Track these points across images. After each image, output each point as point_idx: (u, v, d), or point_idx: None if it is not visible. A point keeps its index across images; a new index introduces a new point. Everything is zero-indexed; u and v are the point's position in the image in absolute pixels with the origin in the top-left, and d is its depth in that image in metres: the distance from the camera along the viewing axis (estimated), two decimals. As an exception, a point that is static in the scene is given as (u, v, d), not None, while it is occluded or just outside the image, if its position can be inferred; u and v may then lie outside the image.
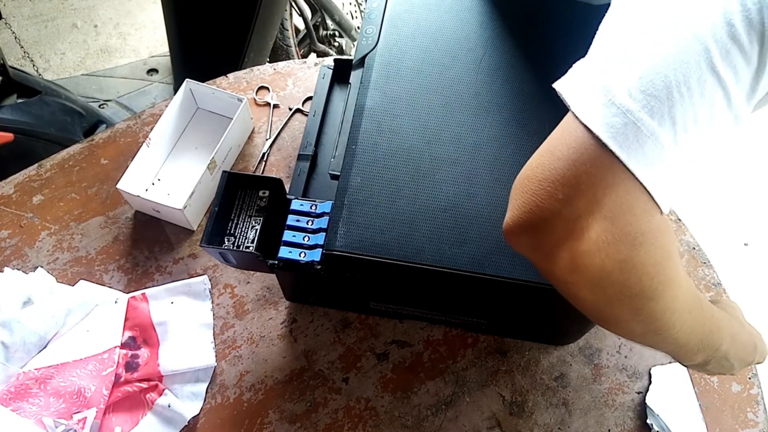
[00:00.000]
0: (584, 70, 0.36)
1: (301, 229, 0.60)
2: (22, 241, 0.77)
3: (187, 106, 0.86)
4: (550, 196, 0.34)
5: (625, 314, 0.38)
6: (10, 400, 0.63)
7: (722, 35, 0.31)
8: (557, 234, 0.34)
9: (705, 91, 0.32)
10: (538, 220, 0.34)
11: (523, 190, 0.35)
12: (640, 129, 0.32)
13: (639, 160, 0.32)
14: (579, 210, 0.33)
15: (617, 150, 0.32)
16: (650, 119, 0.32)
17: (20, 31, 1.94)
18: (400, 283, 0.62)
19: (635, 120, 0.32)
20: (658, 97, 0.32)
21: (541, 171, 0.35)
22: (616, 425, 0.69)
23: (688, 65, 0.31)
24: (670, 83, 0.31)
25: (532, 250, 0.36)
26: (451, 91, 0.61)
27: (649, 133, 0.32)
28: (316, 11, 1.62)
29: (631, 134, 0.32)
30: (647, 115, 0.32)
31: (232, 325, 0.73)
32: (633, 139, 0.32)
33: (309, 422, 0.68)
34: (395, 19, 0.66)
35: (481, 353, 0.72)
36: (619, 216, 0.33)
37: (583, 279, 0.35)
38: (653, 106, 0.32)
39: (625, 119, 0.32)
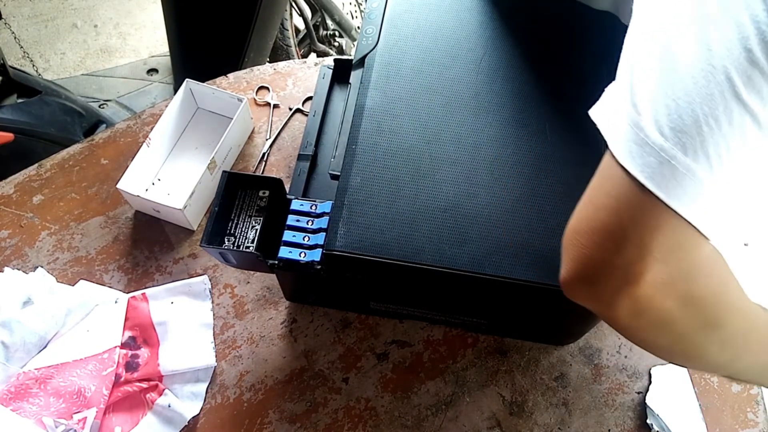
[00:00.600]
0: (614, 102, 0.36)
1: (301, 229, 0.60)
2: (22, 241, 0.77)
3: (187, 106, 0.86)
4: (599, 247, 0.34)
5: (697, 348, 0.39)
6: (10, 400, 0.63)
7: (742, 62, 0.31)
8: (614, 283, 0.34)
9: (733, 120, 0.32)
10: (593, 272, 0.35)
11: (573, 243, 0.36)
12: (676, 167, 0.32)
13: (680, 198, 0.32)
14: (630, 257, 0.34)
15: (657, 191, 0.32)
16: (684, 156, 0.32)
17: (20, 31, 1.94)
18: (400, 283, 0.62)
19: (670, 158, 0.32)
20: (688, 133, 0.32)
21: (587, 223, 0.35)
22: (616, 425, 0.69)
23: (712, 97, 0.31)
24: (698, 117, 0.31)
25: (591, 301, 0.37)
26: (451, 91, 0.61)
27: (686, 170, 0.32)
28: (316, 11, 1.62)
29: (667, 173, 0.32)
30: (681, 152, 0.32)
31: (232, 325, 0.73)
32: (670, 178, 0.32)
33: (309, 422, 0.68)
34: (395, 19, 0.66)
35: (481, 353, 0.72)
36: (670, 255, 0.34)
37: (646, 322, 0.36)
38: (685, 143, 0.32)
39: (659, 158, 0.32)
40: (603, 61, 0.63)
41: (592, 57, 0.63)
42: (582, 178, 0.56)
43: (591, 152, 0.58)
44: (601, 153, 0.59)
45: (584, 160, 0.58)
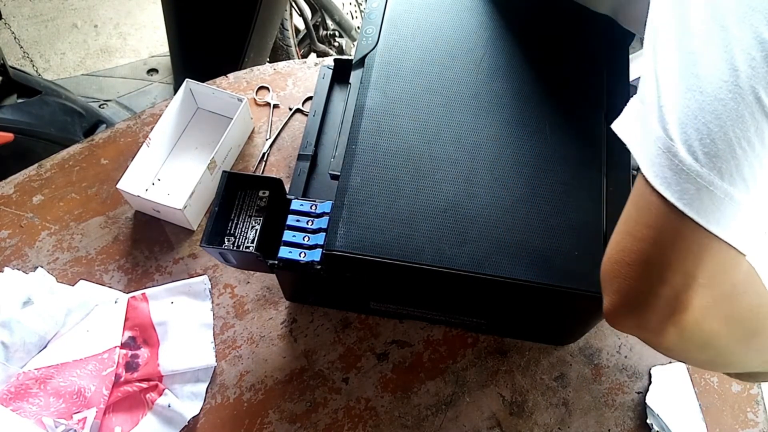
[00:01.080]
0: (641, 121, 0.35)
1: (301, 229, 0.60)
2: (22, 241, 0.77)
3: (187, 106, 0.86)
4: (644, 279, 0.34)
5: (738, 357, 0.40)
6: (10, 400, 0.63)
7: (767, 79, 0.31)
8: (661, 312, 0.35)
9: (765, 139, 0.32)
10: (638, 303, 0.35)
11: (616, 275, 0.36)
12: (714, 193, 0.32)
13: (719, 222, 0.32)
14: (676, 286, 0.34)
15: (698, 218, 0.32)
16: (721, 181, 0.32)
17: (20, 31, 1.94)
18: (400, 283, 0.62)
19: (707, 184, 0.32)
20: (723, 158, 0.32)
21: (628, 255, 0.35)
22: (616, 425, 0.69)
23: (743, 119, 0.31)
24: (731, 141, 0.31)
25: (638, 330, 0.37)
26: (451, 92, 0.61)
27: (724, 194, 0.32)
28: (316, 11, 1.62)
29: (706, 199, 0.32)
30: (717, 177, 0.32)
31: (232, 325, 0.73)
32: (709, 203, 0.32)
33: (309, 422, 0.68)
34: (395, 20, 0.66)
35: (481, 353, 0.72)
36: (714, 279, 0.34)
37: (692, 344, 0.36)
38: (721, 168, 0.32)
39: (697, 185, 0.32)
40: (601, 62, 0.63)
41: (591, 58, 0.63)
42: (581, 178, 0.57)
43: (591, 152, 0.58)
44: (598, 154, 0.59)
45: (584, 160, 0.58)
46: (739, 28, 0.31)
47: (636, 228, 0.35)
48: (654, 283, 0.34)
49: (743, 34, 0.31)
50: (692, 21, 0.34)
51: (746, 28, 0.31)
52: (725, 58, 0.32)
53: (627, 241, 0.35)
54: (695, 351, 0.38)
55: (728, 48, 0.32)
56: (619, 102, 0.61)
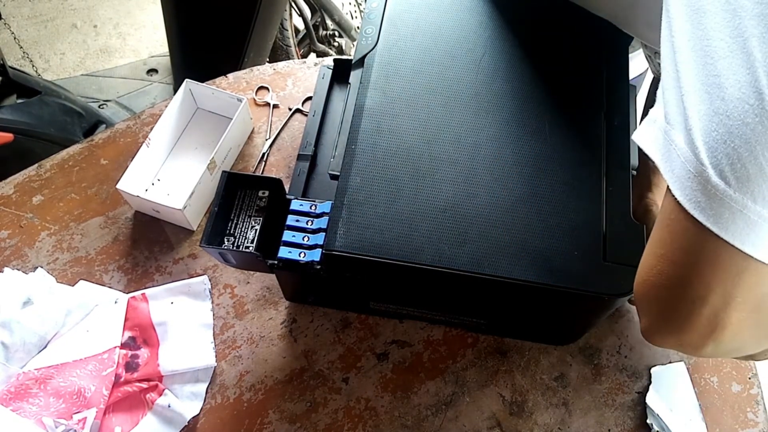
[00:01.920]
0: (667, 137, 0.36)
1: (300, 229, 0.60)
2: (21, 242, 0.77)
3: (187, 106, 0.86)
4: (683, 301, 0.36)
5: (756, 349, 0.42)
6: (10, 400, 0.63)
7: None
8: (702, 331, 0.36)
9: None
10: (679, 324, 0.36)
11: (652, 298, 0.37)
12: (748, 216, 0.32)
13: (755, 244, 0.33)
14: (716, 307, 0.35)
15: (733, 242, 0.33)
16: (754, 204, 0.32)
17: (20, 31, 1.94)
18: (399, 283, 0.62)
19: (741, 208, 0.32)
20: (755, 181, 0.32)
21: (667, 279, 0.36)
22: (616, 425, 0.69)
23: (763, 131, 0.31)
24: (762, 165, 0.32)
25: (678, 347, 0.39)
26: (450, 91, 0.61)
27: (758, 217, 0.32)
28: (316, 11, 1.62)
29: (740, 222, 0.33)
30: (751, 201, 0.32)
31: (232, 325, 0.73)
32: (743, 226, 0.33)
33: (309, 422, 0.68)
34: (395, 19, 0.66)
35: (481, 353, 0.72)
36: (749, 294, 0.35)
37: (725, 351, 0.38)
38: (754, 191, 0.32)
39: (731, 209, 0.32)
40: (601, 64, 0.63)
41: (591, 58, 0.63)
42: (582, 178, 0.57)
43: (591, 152, 0.58)
44: (598, 154, 0.59)
45: (584, 160, 0.58)
46: (761, 50, 0.31)
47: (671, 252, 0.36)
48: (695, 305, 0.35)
49: (766, 56, 0.31)
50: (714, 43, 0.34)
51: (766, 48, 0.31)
52: (749, 81, 0.32)
53: (663, 264, 0.36)
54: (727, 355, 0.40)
55: (752, 70, 0.32)
56: (619, 102, 0.61)
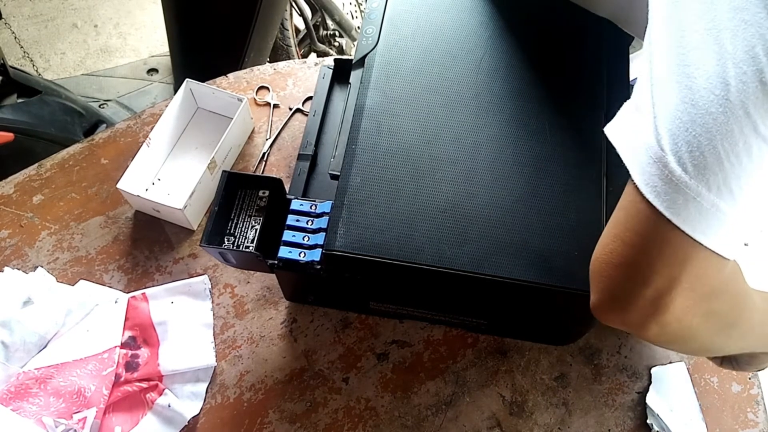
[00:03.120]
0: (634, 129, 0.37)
1: (300, 229, 0.60)
2: (22, 241, 0.77)
3: (187, 106, 0.86)
4: (629, 280, 0.37)
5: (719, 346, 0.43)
6: (10, 400, 0.63)
7: (758, 95, 0.31)
8: (643, 311, 0.37)
9: (752, 154, 0.33)
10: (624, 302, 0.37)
11: (603, 275, 0.38)
12: (702, 204, 0.33)
13: (705, 232, 0.34)
14: (660, 289, 0.36)
15: (684, 227, 0.34)
16: (708, 193, 0.33)
17: (20, 31, 1.94)
18: (399, 283, 0.62)
19: (695, 195, 0.33)
20: (711, 170, 0.33)
21: (616, 257, 0.37)
22: (616, 425, 0.69)
23: (732, 134, 0.32)
24: (720, 155, 0.32)
25: (622, 325, 0.39)
26: (451, 91, 0.61)
27: (711, 205, 0.33)
28: (316, 11, 1.62)
29: (693, 210, 0.33)
30: (705, 189, 0.33)
31: (232, 325, 0.73)
32: (696, 213, 0.33)
33: (309, 422, 0.68)
34: (395, 19, 0.66)
35: (481, 353, 0.72)
36: (697, 282, 0.36)
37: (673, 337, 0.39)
38: (709, 180, 0.33)
39: (685, 196, 0.33)
40: (601, 64, 0.63)
41: (590, 59, 0.63)
42: (581, 178, 0.57)
43: (591, 152, 0.58)
44: (598, 154, 0.59)
45: (584, 161, 0.58)
46: (732, 42, 0.32)
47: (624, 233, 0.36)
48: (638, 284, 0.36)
49: (736, 48, 0.32)
50: (688, 34, 0.34)
51: (739, 43, 0.32)
52: (718, 72, 0.32)
53: (615, 244, 0.37)
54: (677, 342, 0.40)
55: (721, 62, 0.32)
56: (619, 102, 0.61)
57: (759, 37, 0.31)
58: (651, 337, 0.39)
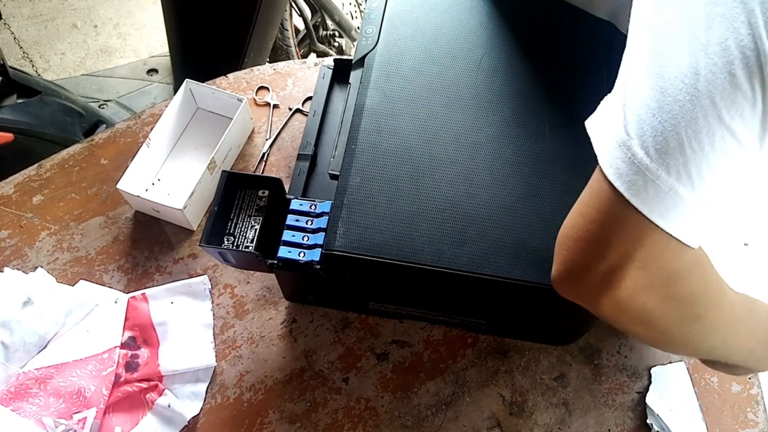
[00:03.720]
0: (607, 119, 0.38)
1: (300, 229, 0.60)
2: (22, 241, 0.77)
3: (187, 106, 0.86)
4: (586, 254, 0.38)
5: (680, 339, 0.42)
6: (10, 400, 0.63)
7: (726, 86, 0.32)
8: (596, 285, 0.38)
9: (715, 142, 0.34)
10: (578, 275, 0.39)
11: (563, 247, 0.40)
12: (659, 186, 0.34)
13: (662, 214, 0.35)
14: (613, 264, 0.37)
15: (641, 207, 0.35)
16: (668, 176, 0.34)
17: (20, 31, 1.94)
18: (399, 283, 0.62)
19: (654, 178, 0.34)
20: (672, 155, 0.34)
21: (576, 231, 0.39)
22: (616, 425, 0.69)
23: (696, 121, 0.33)
24: (683, 140, 0.34)
25: (577, 298, 0.41)
26: (450, 91, 0.61)
27: (668, 188, 0.34)
28: (316, 11, 1.62)
29: (651, 191, 0.35)
30: (665, 172, 0.34)
31: (232, 325, 0.73)
32: (654, 195, 0.35)
33: (309, 422, 0.68)
34: (395, 19, 0.66)
35: (481, 353, 0.72)
36: (651, 263, 0.37)
37: (629, 318, 0.39)
38: (669, 164, 0.34)
39: (645, 178, 0.35)
40: (600, 64, 0.63)
41: (589, 60, 0.63)
42: (581, 178, 0.56)
43: (589, 152, 0.58)
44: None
45: (583, 161, 0.58)
46: (707, 34, 0.33)
47: (587, 209, 0.38)
48: (594, 259, 0.38)
49: (710, 40, 0.33)
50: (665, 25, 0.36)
51: (713, 35, 0.33)
52: (690, 62, 0.33)
53: (578, 219, 0.39)
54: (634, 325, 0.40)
55: (694, 52, 0.33)
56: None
57: (732, 31, 0.32)
58: (605, 313, 0.39)
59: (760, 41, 0.31)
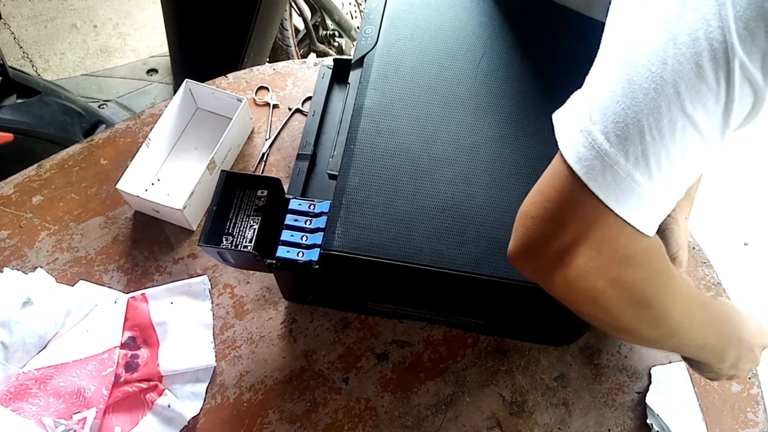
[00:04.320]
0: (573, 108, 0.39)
1: (299, 229, 0.60)
2: (21, 242, 0.77)
3: (187, 106, 0.86)
4: (541, 232, 0.39)
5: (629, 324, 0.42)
6: (10, 400, 0.63)
7: (691, 77, 0.33)
8: (549, 262, 0.39)
9: (676, 131, 0.34)
10: (533, 251, 0.40)
11: (520, 224, 0.41)
12: (617, 171, 0.35)
13: (617, 198, 0.36)
14: (566, 243, 0.38)
15: (597, 191, 0.36)
16: (625, 162, 0.35)
17: (20, 31, 1.94)
18: (397, 283, 0.62)
19: (612, 163, 0.35)
20: (632, 141, 0.35)
21: (534, 209, 0.39)
22: (616, 425, 0.69)
23: (659, 110, 0.34)
24: (643, 128, 0.34)
25: (531, 275, 0.41)
26: (449, 92, 0.61)
27: (625, 174, 0.35)
28: (316, 11, 1.62)
29: (609, 176, 0.35)
30: (623, 158, 0.35)
31: (231, 325, 0.73)
32: (611, 180, 0.35)
33: (309, 422, 0.68)
34: (394, 19, 0.66)
35: (481, 353, 0.72)
36: (603, 245, 0.37)
37: (579, 297, 0.40)
38: (628, 150, 0.35)
39: (603, 162, 0.35)
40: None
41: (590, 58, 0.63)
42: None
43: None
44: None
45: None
46: (677, 24, 0.34)
47: (546, 189, 0.39)
48: (548, 236, 0.38)
49: (679, 31, 0.33)
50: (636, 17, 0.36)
51: (683, 26, 0.33)
52: (658, 51, 0.34)
53: (537, 198, 0.40)
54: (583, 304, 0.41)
55: (664, 42, 0.34)
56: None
57: (703, 22, 0.33)
58: (557, 291, 0.40)
59: (728, 34, 0.32)
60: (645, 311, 0.41)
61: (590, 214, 0.37)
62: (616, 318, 0.41)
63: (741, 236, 1.67)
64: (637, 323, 0.42)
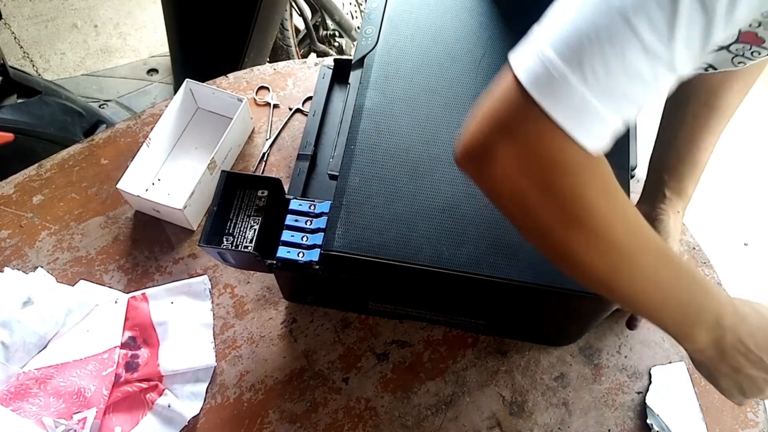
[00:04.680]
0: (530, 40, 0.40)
1: (299, 229, 0.60)
2: (22, 241, 0.77)
3: (187, 106, 0.86)
4: (477, 128, 0.40)
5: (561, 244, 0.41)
6: (10, 400, 0.63)
7: None
8: (480, 159, 0.39)
9: (614, 37, 0.35)
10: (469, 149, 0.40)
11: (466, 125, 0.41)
12: (552, 73, 0.36)
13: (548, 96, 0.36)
14: (495, 138, 0.38)
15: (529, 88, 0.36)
16: (561, 63, 0.36)
17: (20, 31, 1.94)
18: (398, 283, 0.62)
19: (549, 66, 0.36)
20: (570, 46, 0.36)
21: (477, 109, 0.40)
22: (616, 425, 0.69)
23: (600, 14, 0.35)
24: (582, 33, 0.35)
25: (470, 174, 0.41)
26: (450, 92, 0.61)
27: (558, 74, 0.36)
28: (316, 11, 1.62)
29: (544, 77, 0.36)
30: (560, 61, 0.36)
31: (232, 325, 0.73)
32: (545, 80, 0.36)
33: (309, 422, 0.68)
34: (395, 20, 0.66)
35: (481, 353, 0.72)
36: (531, 144, 0.38)
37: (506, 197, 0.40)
38: (565, 53, 0.36)
39: (543, 66, 0.36)
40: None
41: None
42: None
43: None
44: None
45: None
46: None
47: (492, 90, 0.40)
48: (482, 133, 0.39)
49: None
50: None
51: None
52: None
53: (482, 99, 0.40)
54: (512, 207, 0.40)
55: None
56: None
57: None
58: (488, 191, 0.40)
59: None
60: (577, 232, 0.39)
61: (522, 111, 0.37)
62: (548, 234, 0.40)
63: (741, 236, 1.67)
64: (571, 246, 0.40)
